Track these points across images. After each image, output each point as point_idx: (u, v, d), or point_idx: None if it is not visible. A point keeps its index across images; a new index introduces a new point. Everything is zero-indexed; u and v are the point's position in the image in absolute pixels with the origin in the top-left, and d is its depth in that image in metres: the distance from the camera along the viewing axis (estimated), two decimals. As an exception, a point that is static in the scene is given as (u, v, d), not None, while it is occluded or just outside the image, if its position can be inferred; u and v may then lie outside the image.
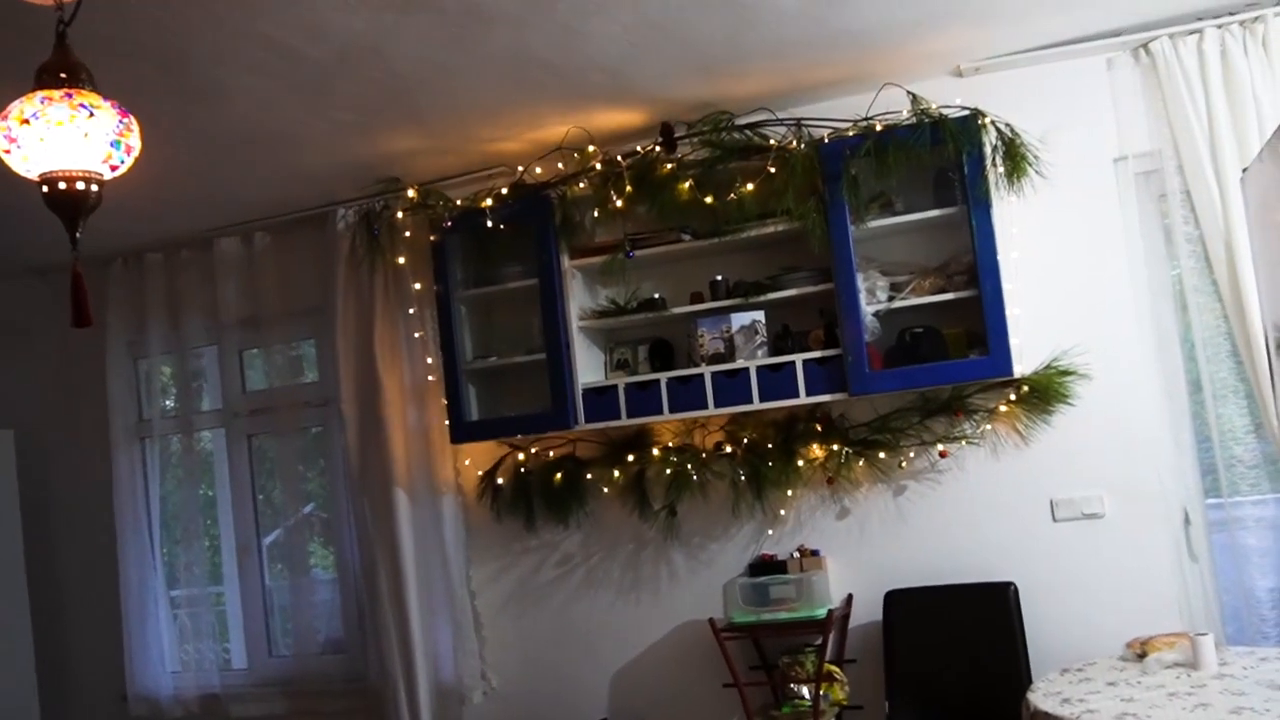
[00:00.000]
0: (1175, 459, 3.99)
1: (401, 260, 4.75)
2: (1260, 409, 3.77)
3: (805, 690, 4.11)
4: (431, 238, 4.58)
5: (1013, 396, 4.06)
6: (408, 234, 4.70)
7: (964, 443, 4.16)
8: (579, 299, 4.46)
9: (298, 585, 5.19)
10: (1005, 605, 3.96)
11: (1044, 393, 4.02)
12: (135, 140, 2.51)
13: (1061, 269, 4.07)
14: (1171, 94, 3.86)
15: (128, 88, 2.77)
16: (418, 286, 4.77)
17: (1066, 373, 4.02)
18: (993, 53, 4.07)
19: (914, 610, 4.11)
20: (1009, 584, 3.99)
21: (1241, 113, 3.76)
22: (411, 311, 4.80)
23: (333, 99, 3.83)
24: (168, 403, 5.56)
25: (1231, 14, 3.80)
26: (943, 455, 4.17)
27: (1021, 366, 3.96)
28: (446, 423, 4.62)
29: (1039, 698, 3.33)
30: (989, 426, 4.14)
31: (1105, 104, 4.02)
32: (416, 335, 4.81)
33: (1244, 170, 3.52)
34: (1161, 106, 3.91)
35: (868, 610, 4.22)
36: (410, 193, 4.60)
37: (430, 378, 4.79)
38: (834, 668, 4.14)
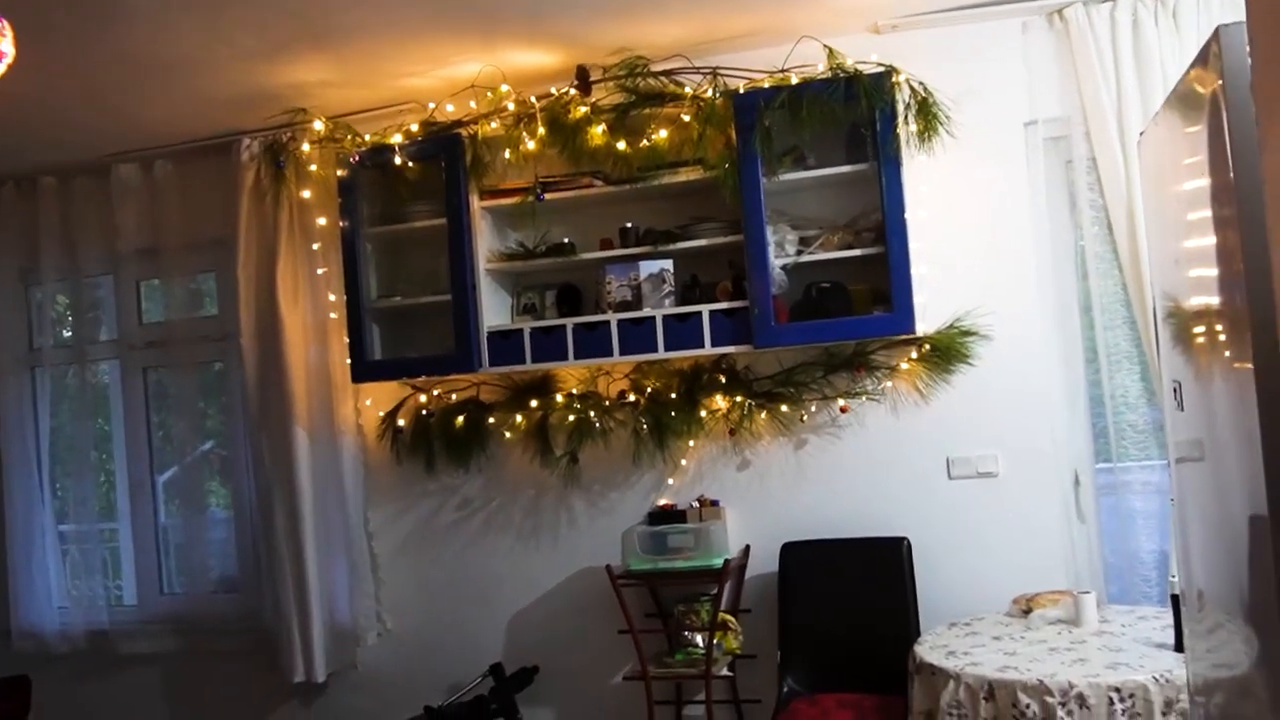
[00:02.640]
0: (1069, 422, 4.07)
1: (307, 194, 4.64)
2: (1153, 377, 3.85)
3: (699, 638, 4.15)
4: (339, 173, 4.47)
5: (914, 355, 4.10)
6: (314, 168, 4.59)
7: (865, 399, 4.20)
8: (488, 241, 4.39)
9: (193, 523, 5.10)
10: (898, 560, 4.01)
11: (945, 352, 4.07)
12: (8, 45, 2.40)
13: (968, 230, 4.10)
14: (1083, 60, 3.90)
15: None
16: (323, 222, 4.66)
17: (968, 333, 4.06)
18: (911, 11, 4.06)
19: (809, 562, 4.15)
20: (902, 539, 4.04)
21: (1149, 83, 3.81)
22: (316, 247, 4.69)
23: (235, 22, 3.69)
24: (65, 333, 5.39)
25: (1145, -16, 3.83)
26: (844, 411, 4.20)
27: (924, 325, 3.98)
28: (348, 361, 4.54)
29: (925, 650, 3.40)
30: (890, 384, 4.18)
31: (1018, 67, 4.04)
32: (320, 272, 4.70)
33: (1141, 133, 3.56)
34: (1073, 72, 3.94)
35: (765, 561, 4.26)
36: (318, 125, 4.49)
37: (333, 315, 4.69)
38: (729, 617, 4.18)
